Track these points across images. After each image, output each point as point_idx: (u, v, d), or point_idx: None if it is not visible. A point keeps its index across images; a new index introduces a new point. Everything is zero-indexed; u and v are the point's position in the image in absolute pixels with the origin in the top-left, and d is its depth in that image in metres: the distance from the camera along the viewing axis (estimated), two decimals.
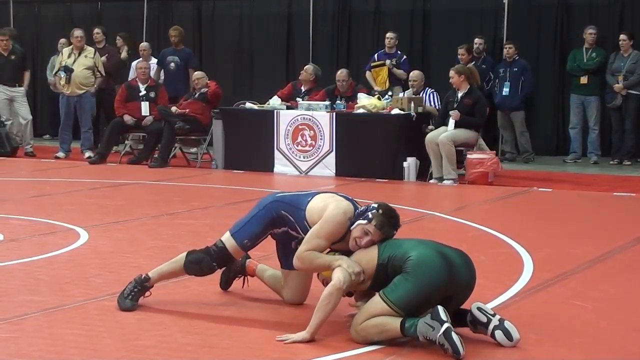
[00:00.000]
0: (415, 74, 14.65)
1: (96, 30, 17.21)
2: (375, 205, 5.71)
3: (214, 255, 6.06)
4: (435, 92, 14.24)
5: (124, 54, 17.46)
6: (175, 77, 16.63)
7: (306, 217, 5.85)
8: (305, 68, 15.38)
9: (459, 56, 15.73)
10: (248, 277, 6.64)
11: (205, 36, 19.28)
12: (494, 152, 13.92)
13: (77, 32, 16.07)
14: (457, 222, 9.88)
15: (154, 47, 17.58)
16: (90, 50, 16.13)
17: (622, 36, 15.34)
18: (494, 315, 5.48)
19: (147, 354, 5.27)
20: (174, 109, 15.11)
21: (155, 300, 6.47)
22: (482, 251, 8.13)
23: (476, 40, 16.23)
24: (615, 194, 12.25)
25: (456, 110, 13.11)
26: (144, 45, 17.27)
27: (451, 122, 13.18)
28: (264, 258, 6.91)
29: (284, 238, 6.11)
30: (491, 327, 5.45)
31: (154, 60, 16.91)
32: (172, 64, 16.79)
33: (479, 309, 5.50)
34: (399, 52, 16.40)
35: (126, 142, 15.98)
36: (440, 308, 5.24)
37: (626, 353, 5.39)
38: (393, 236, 5.70)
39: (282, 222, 5.97)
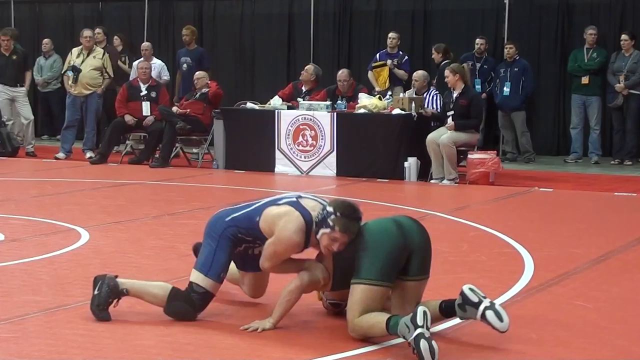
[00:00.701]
0: (418, 74, 14.64)
1: (97, 30, 17.22)
2: (331, 209, 5.60)
3: (197, 305, 5.89)
4: (438, 94, 14.21)
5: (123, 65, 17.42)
6: (188, 77, 16.53)
7: (261, 231, 5.84)
8: (306, 68, 15.38)
9: (432, 56, 15.75)
10: None
11: (206, 36, 19.27)
12: (495, 152, 13.92)
13: (87, 32, 16.09)
14: (458, 222, 9.88)
15: (155, 48, 17.57)
16: (99, 51, 16.13)
17: (623, 36, 15.34)
18: (485, 297, 5.47)
19: (148, 353, 5.27)
20: (174, 109, 15.11)
21: None
22: (483, 251, 8.13)
23: (477, 40, 16.24)
24: (616, 194, 12.25)
25: (452, 122, 13.10)
26: (145, 45, 17.28)
27: (449, 123, 13.17)
28: None
29: (243, 250, 6.09)
30: (482, 307, 5.41)
31: (155, 61, 16.91)
32: (185, 65, 16.80)
33: (471, 289, 5.50)
34: (400, 52, 16.40)
35: (127, 142, 15.97)
36: (420, 310, 5.14)
37: (629, 353, 5.38)
38: (360, 228, 5.64)
39: (242, 242, 5.97)
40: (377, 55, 16.46)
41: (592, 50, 15.71)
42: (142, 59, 16.53)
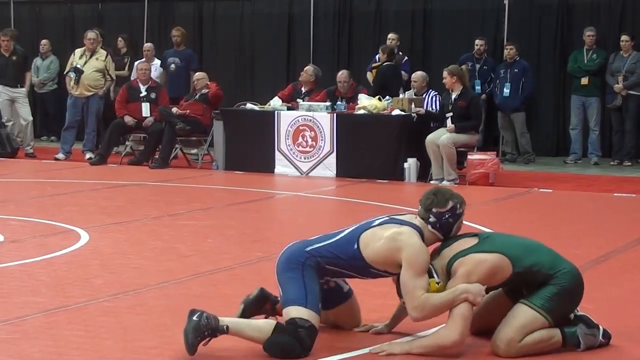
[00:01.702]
0: (417, 74, 14.64)
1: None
2: (455, 201, 5.53)
3: (305, 340, 5.26)
4: (438, 95, 14.21)
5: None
6: (175, 78, 16.66)
7: (365, 258, 5.44)
8: (305, 69, 15.38)
9: (377, 56, 15.83)
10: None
11: (206, 36, 19.28)
12: (495, 152, 13.91)
13: (90, 34, 16.10)
14: None
15: (156, 48, 17.56)
16: (102, 52, 16.13)
17: (623, 37, 15.34)
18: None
19: (149, 355, 5.27)
20: (174, 109, 15.11)
21: (156, 301, 6.48)
22: None
23: (477, 41, 16.24)
24: (616, 194, 12.25)
25: (452, 125, 13.10)
26: (147, 45, 17.28)
27: (448, 125, 13.17)
28: None
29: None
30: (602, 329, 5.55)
31: (156, 61, 16.91)
32: (173, 65, 16.81)
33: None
34: (400, 53, 16.40)
35: (127, 143, 15.96)
36: (582, 314, 5.49)
37: (630, 354, 5.38)
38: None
39: (324, 274, 5.54)
40: (377, 56, 16.44)
41: (592, 51, 15.71)
42: (143, 59, 16.52)
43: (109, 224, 9.67)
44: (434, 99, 14.30)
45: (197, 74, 15.64)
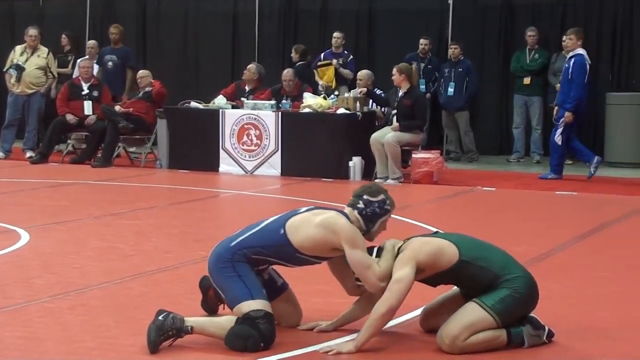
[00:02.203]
0: (362, 73, 14.64)
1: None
2: (383, 197, 5.60)
3: (263, 328, 5.30)
4: (383, 93, 14.25)
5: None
6: (112, 76, 16.53)
7: (297, 249, 5.49)
8: (248, 67, 15.33)
9: (322, 54, 16.03)
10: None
11: (149, 34, 19.17)
12: (439, 151, 13.99)
13: (32, 31, 15.94)
14: (402, 221, 9.89)
15: (99, 46, 17.42)
16: (44, 50, 15.98)
17: (564, 37, 15.43)
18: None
19: (90, 356, 5.22)
20: (117, 107, 15.00)
21: (98, 301, 6.42)
22: None
23: (421, 40, 16.32)
24: (557, 192, 12.37)
25: (396, 124, 13.16)
26: (91, 43, 17.15)
27: (393, 124, 13.23)
28: None
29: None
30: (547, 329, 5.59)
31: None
32: (110, 63, 16.69)
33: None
34: (345, 51, 16.44)
35: (68, 141, 15.82)
36: (532, 316, 5.53)
37: (570, 350, 5.43)
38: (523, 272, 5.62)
39: (254, 264, 5.54)
40: (322, 55, 16.47)
41: (534, 51, 15.85)
42: (86, 57, 16.38)
43: (50, 223, 9.57)
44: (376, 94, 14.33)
45: (140, 71, 15.53)
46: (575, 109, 13.39)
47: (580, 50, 13.57)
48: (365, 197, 5.59)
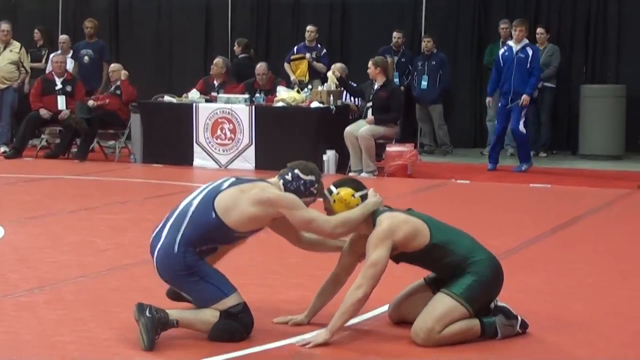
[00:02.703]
0: (336, 66, 14.67)
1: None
2: (313, 178, 5.63)
3: (244, 320, 5.39)
4: (356, 86, 14.27)
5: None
6: (89, 71, 16.48)
7: (233, 229, 5.45)
8: (215, 62, 15.29)
9: (295, 48, 16.25)
10: None
11: (122, 28, 19.11)
12: (413, 144, 14.03)
13: (4, 26, 15.88)
14: None
15: (71, 41, 17.35)
16: (16, 44, 15.92)
17: (538, 29, 15.55)
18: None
19: (66, 350, 5.22)
20: (91, 102, 14.94)
21: (74, 295, 6.42)
22: None
23: (395, 33, 16.34)
24: (531, 185, 12.43)
25: (371, 117, 13.21)
26: (63, 38, 17.07)
27: (368, 117, 13.27)
28: None
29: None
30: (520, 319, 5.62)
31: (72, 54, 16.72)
32: (86, 57, 16.64)
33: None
34: (319, 45, 16.44)
35: (42, 136, 15.77)
36: (503, 305, 5.57)
37: (542, 342, 5.47)
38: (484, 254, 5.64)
39: (203, 254, 5.52)
40: (295, 48, 16.48)
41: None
42: (59, 52, 16.31)
43: (25, 218, 9.55)
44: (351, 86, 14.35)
45: (112, 65, 15.47)
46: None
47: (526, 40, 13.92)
48: (296, 171, 5.61)
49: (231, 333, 5.35)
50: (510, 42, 13.97)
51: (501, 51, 14.06)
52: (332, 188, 5.65)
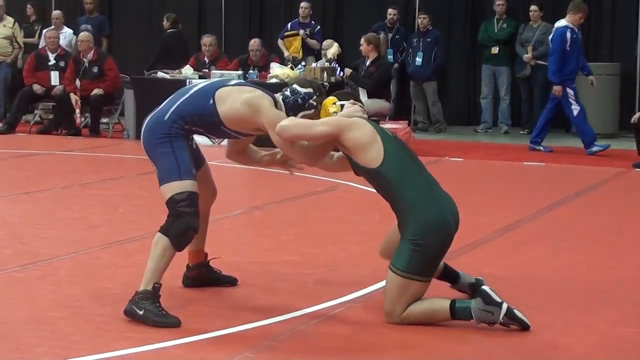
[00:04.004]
0: (328, 42, 14.64)
1: None
2: (311, 90, 5.58)
3: (187, 211, 5.37)
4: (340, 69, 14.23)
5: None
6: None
7: (221, 120, 5.51)
8: (207, 42, 15.24)
9: (289, 24, 16.25)
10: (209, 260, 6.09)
11: (115, 3, 19.00)
12: (407, 122, 14.00)
13: None
14: (370, 192, 9.90)
15: (65, 16, 17.27)
16: (9, 20, 15.87)
17: (532, 7, 15.52)
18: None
19: (58, 325, 5.21)
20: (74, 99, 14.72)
21: (66, 271, 6.41)
22: (393, 220, 8.16)
23: (389, 10, 16.30)
24: (525, 163, 12.43)
25: (366, 97, 13.24)
26: (56, 13, 16.99)
27: (362, 96, 13.25)
28: None
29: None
30: (505, 306, 5.28)
31: (65, 30, 16.63)
32: (85, 32, 16.55)
33: (491, 289, 5.37)
34: (313, 22, 16.39)
35: (36, 111, 15.72)
36: (488, 290, 5.26)
37: (533, 320, 5.47)
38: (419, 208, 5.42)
39: (190, 134, 5.64)
40: (289, 24, 16.42)
41: (503, 21, 15.88)
42: (52, 27, 16.25)
43: (18, 193, 9.53)
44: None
45: (81, 34, 15.20)
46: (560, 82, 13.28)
47: (563, 22, 13.43)
48: (294, 85, 5.63)
49: (180, 234, 5.36)
50: (564, 23, 13.40)
51: (568, 34, 13.25)
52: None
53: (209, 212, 5.97)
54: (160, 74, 14.70)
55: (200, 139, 5.91)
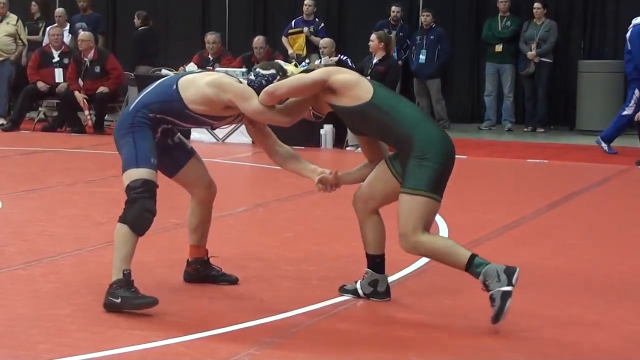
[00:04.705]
0: (325, 41, 14.63)
1: None
2: (274, 71, 5.62)
3: (142, 197, 5.42)
4: (348, 59, 14.23)
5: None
6: None
7: (186, 105, 5.52)
8: (210, 40, 15.26)
9: (293, 21, 16.23)
10: (207, 258, 6.10)
11: (119, 2, 19.01)
12: None
13: None
14: None
15: (69, 14, 17.30)
16: (12, 17, 15.88)
17: (536, 4, 15.52)
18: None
19: (62, 322, 5.22)
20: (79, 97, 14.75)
21: (70, 269, 6.42)
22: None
23: (393, 8, 16.30)
24: (528, 160, 12.43)
25: None
26: (59, 11, 17.02)
27: None
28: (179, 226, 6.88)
29: (163, 139, 5.76)
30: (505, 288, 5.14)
31: (69, 27, 16.66)
32: (81, 30, 16.56)
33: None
34: (316, 19, 16.39)
35: (40, 109, 15.74)
36: (517, 270, 5.11)
37: (533, 317, 5.47)
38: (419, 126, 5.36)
39: (158, 124, 5.62)
40: (293, 22, 16.43)
41: (506, 18, 15.88)
42: (55, 24, 16.27)
43: (22, 191, 9.54)
44: (345, 62, 14.29)
45: (81, 34, 15.22)
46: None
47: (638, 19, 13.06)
48: (257, 69, 5.65)
49: (136, 220, 5.46)
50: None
51: None
52: None
53: (210, 207, 5.98)
54: (164, 71, 14.70)
55: (201, 136, 5.92)
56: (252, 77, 5.62)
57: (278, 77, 5.61)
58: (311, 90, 5.49)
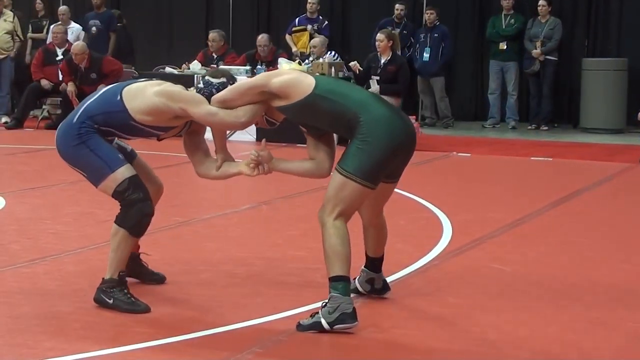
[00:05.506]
0: (315, 41, 14.57)
1: None
2: (224, 80, 5.53)
3: (135, 196, 5.46)
4: (338, 55, 14.15)
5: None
6: (97, 41, 16.37)
7: (132, 116, 5.45)
8: (211, 38, 15.26)
9: (297, 19, 16.07)
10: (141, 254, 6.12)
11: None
12: (414, 117, 13.99)
13: None
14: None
15: (73, 11, 17.30)
16: (9, 14, 15.88)
17: (541, 2, 15.49)
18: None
19: (66, 320, 5.23)
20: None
21: (74, 267, 6.42)
22: (401, 215, 8.18)
23: (397, 5, 16.28)
24: (532, 158, 12.42)
25: (377, 87, 13.14)
26: (62, 9, 17.01)
27: (373, 86, 13.21)
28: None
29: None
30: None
31: (72, 25, 16.65)
32: (93, 28, 16.56)
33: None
34: (320, 17, 16.39)
35: (44, 107, 15.75)
36: (350, 326, 5.09)
37: (542, 315, 5.48)
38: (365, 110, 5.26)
39: (104, 134, 5.54)
40: (297, 20, 16.42)
41: (510, 16, 15.86)
42: (59, 22, 16.28)
43: (26, 189, 9.55)
44: (335, 59, 14.24)
45: (75, 45, 15.02)
46: None
47: None
48: (207, 77, 5.59)
49: (135, 221, 5.47)
50: None
51: None
52: None
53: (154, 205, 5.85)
54: (168, 69, 14.72)
55: (206, 134, 5.91)
56: (201, 85, 5.55)
57: (228, 86, 5.53)
58: (250, 96, 5.38)
